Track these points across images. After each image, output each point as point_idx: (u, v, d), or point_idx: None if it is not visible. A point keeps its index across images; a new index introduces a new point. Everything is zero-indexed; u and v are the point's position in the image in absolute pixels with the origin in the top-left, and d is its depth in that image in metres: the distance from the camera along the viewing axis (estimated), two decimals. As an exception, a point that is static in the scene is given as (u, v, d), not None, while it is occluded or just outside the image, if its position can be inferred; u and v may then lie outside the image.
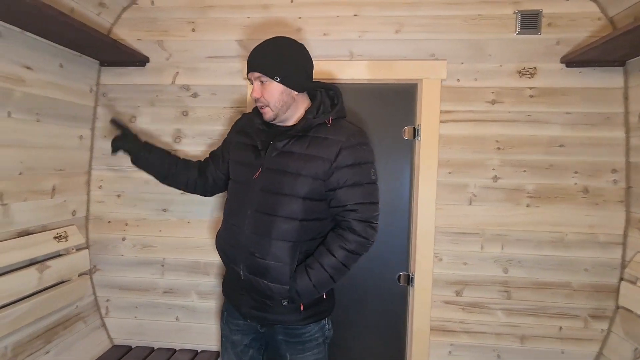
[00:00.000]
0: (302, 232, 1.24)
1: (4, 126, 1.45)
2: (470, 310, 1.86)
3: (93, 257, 1.98)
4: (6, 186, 1.48)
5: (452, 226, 1.85)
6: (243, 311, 1.35)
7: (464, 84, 1.83)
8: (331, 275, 1.23)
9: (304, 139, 1.25)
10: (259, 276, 1.25)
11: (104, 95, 1.97)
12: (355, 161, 1.23)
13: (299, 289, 1.22)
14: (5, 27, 1.41)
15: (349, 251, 1.23)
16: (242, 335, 1.40)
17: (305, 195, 1.22)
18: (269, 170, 1.26)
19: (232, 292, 1.40)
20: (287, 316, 1.29)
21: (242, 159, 1.36)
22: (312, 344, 1.33)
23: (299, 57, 1.28)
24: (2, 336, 1.41)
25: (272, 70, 1.21)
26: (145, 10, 1.93)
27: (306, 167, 1.22)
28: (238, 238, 1.29)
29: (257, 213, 1.26)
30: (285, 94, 1.24)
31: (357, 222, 1.24)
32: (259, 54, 1.25)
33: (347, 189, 1.23)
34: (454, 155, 1.84)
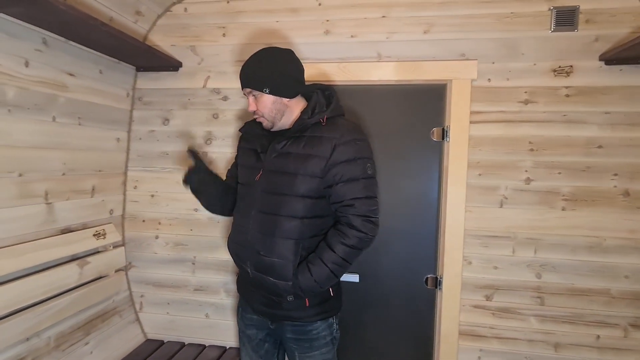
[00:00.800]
0: (304, 229, 1.28)
1: (49, 130, 1.54)
2: (500, 316, 1.81)
3: (128, 254, 2.07)
4: (51, 186, 1.57)
5: (482, 229, 1.81)
6: (255, 307, 1.41)
7: (495, 84, 1.79)
8: (332, 270, 1.26)
9: (300, 139, 1.30)
10: (265, 273, 1.30)
11: (139, 99, 2.06)
12: (350, 157, 1.26)
13: (302, 284, 1.26)
14: (52, 37, 1.50)
15: (348, 246, 1.25)
16: (257, 330, 1.46)
17: (304, 193, 1.27)
18: (269, 171, 1.32)
19: (244, 290, 1.47)
20: (294, 312, 1.34)
21: (246, 162, 1.43)
22: (320, 342, 1.36)
23: (284, 66, 1.31)
24: (47, 327, 1.50)
25: (260, 84, 1.27)
26: (179, 17, 2.00)
27: (303, 166, 1.26)
28: (245, 238, 1.35)
29: (260, 213, 1.31)
30: (277, 102, 1.30)
31: (355, 217, 1.26)
32: (247, 70, 1.31)
33: (344, 185, 1.26)
34: (485, 157, 1.80)
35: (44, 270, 1.49)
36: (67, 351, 1.62)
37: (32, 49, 1.43)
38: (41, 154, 1.51)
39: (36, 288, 1.44)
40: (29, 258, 1.43)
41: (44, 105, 1.50)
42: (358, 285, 1.88)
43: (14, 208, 1.42)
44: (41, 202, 1.53)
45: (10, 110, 1.36)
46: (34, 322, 1.42)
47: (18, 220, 1.43)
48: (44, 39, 1.47)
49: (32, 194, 1.49)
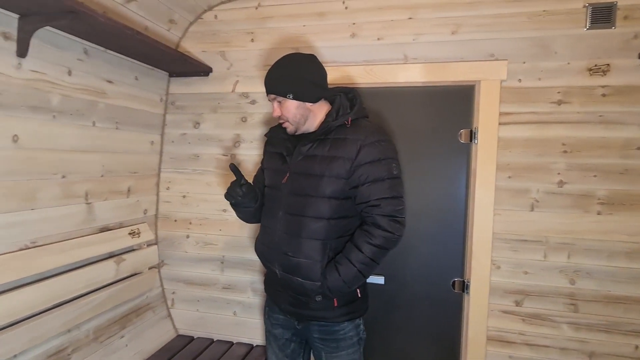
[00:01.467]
0: (331, 230, 1.30)
1: (90, 134, 1.64)
2: (531, 322, 1.76)
3: (161, 253, 2.15)
4: (91, 187, 1.66)
5: (511, 233, 1.77)
6: (282, 307, 1.43)
7: (526, 84, 1.74)
8: (360, 270, 1.27)
9: (325, 142, 1.32)
10: (292, 274, 1.32)
11: (172, 104, 2.14)
12: (375, 157, 1.28)
13: (330, 284, 1.28)
14: (92, 47, 1.59)
15: (375, 246, 1.27)
16: (283, 329, 1.48)
17: (330, 195, 1.29)
18: (295, 174, 1.35)
19: (272, 290, 1.50)
20: (321, 312, 1.36)
21: (272, 165, 1.47)
22: (346, 342, 1.38)
23: (306, 72, 1.35)
24: (86, 320, 1.60)
25: (284, 90, 1.31)
26: (210, 24, 2.07)
27: (329, 168, 1.28)
28: (272, 239, 1.38)
29: (288, 215, 1.34)
30: (301, 107, 1.34)
31: (381, 217, 1.27)
32: (271, 76, 1.35)
33: (369, 185, 1.27)
34: (515, 159, 1.76)
35: (83, 266, 1.58)
36: (104, 343, 1.71)
37: (75, 58, 1.52)
38: (82, 157, 1.61)
39: (77, 283, 1.53)
40: (71, 255, 1.52)
41: (85, 111, 1.60)
42: (383, 287, 1.88)
43: (58, 207, 1.51)
44: (82, 202, 1.62)
45: (55, 116, 1.46)
46: (75, 314, 1.52)
47: (61, 219, 1.53)
48: (85, 49, 1.56)
49: (74, 195, 1.58)
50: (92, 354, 1.63)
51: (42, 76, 1.39)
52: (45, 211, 1.46)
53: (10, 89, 1.29)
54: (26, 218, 1.39)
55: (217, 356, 1.92)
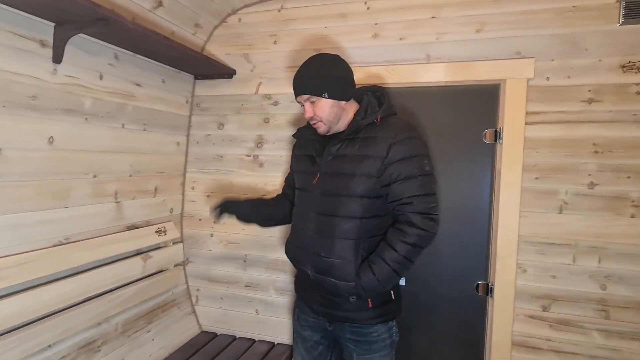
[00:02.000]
0: (363, 230, 1.29)
1: (119, 135, 1.70)
2: (559, 328, 1.71)
3: (186, 251, 2.21)
4: (120, 186, 1.73)
5: (538, 235, 1.72)
6: (314, 308, 1.42)
7: (554, 83, 1.69)
8: (394, 269, 1.25)
9: (355, 141, 1.31)
10: (325, 274, 1.31)
11: (197, 105, 2.20)
12: (406, 154, 1.26)
13: (364, 284, 1.25)
14: (122, 51, 1.66)
15: (410, 245, 1.24)
16: (312, 331, 1.48)
17: (362, 194, 1.27)
18: (325, 174, 1.34)
19: (303, 291, 1.49)
20: (355, 314, 1.34)
21: (302, 168, 1.47)
22: (379, 345, 1.35)
23: (339, 70, 1.35)
24: (115, 314, 1.66)
25: (319, 89, 1.29)
26: (234, 27, 2.11)
27: (360, 167, 1.27)
28: (304, 240, 1.38)
29: (319, 215, 1.34)
30: (335, 106, 1.32)
31: (415, 215, 1.25)
32: (303, 77, 1.33)
33: (401, 183, 1.25)
34: (542, 160, 1.71)
35: (112, 262, 1.65)
36: (132, 337, 1.77)
37: (106, 63, 1.59)
38: (112, 157, 1.68)
39: (106, 278, 1.59)
40: (101, 251, 1.59)
41: (115, 113, 1.66)
42: (405, 289, 1.85)
43: (89, 206, 1.58)
44: (111, 200, 1.69)
45: (87, 118, 1.53)
46: (104, 308, 1.58)
47: (92, 216, 1.60)
48: (115, 54, 1.63)
49: (104, 194, 1.65)
50: (120, 347, 1.70)
51: (76, 81, 1.46)
52: (77, 209, 1.53)
53: (47, 94, 1.36)
54: (60, 216, 1.46)
55: (239, 353, 1.96)
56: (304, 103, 1.33)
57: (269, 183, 2.08)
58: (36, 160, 1.36)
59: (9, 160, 1.27)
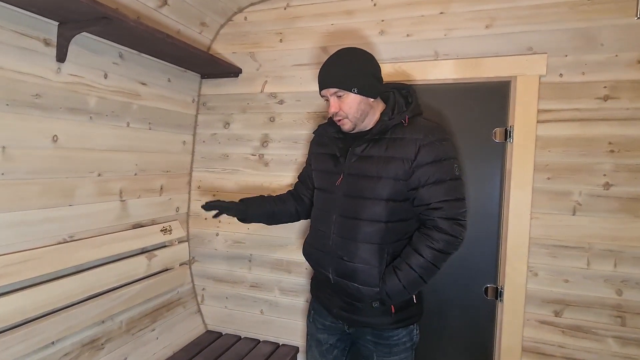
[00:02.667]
0: (388, 234, 1.25)
1: (124, 134, 1.71)
2: (572, 334, 1.64)
3: (192, 250, 2.21)
4: (125, 185, 1.74)
5: (550, 238, 1.66)
6: (334, 312, 1.37)
7: (568, 79, 1.63)
8: (420, 275, 1.21)
9: (381, 142, 1.26)
10: (347, 279, 1.27)
11: (203, 104, 2.20)
12: (436, 158, 1.21)
13: (389, 290, 1.22)
14: (127, 50, 1.66)
15: (437, 250, 1.20)
16: (328, 334, 1.44)
17: (387, 197, 1.23)
18: (350, 175, 1.29)
19: (322, 294, 1.44)
20: (377, 319, 1.30)
21: (323, 167, 1.41)
22: (399, 348, 1.32)
23: (368, 65, 1.29)
24: (119, 312, 1.67)
25: (348, 83, 1.23)
26: (240, 26, 2.11)
27: (386, 169, 1.22)
28: (325, 243, 1.33)
29: (342, 218, 1.29)
30: (363, 102, 1.26)
31: (443, 220, 1.21)
32: (331, 70, 1.27)
33: (430, 187, 1.21)
34: (555, 159, 1.65)
35: (117, 260, 1.66)
36: (136, 335, 1.78)
37: (111, 62, 1.60)
38: (117, 156, 1.68)
39: (110, 276, 1.60)
40: (105, 249, 1.60)
41: (120, 112, 1.67)
42: (411, 292, 1.82)
43: (94, 204, 1.59)
44: (116, 199, 1.70)
45: (91, 117, 1.54)
46: (108, 306, 1.59)
47: (97, 215, 1.61)
48: (120, 53, 1.63)
49: (109, 192, 1.66)
50: (124, 345, 1.71)
51: (80, 79, 1.47)
52: (82, 207, 1.54)
53: (51, 92, 1.37)
54: (65, 214, 1.47)
55: (244, 353, 1.94)
56: (330, 97, 1.27)
57: (274, 182, 2.06)
58: (40, 158, 1.37)
59: (14, 158, 1.28)
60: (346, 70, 1.25)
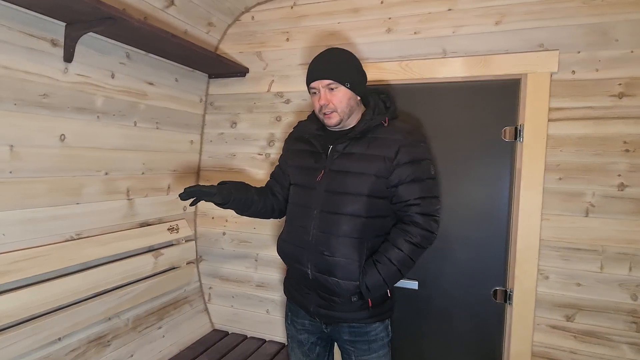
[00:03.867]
0: (367, 229, 1.30)
1: (131, 134, 1.73)
2: (584, 340, 1.59)
3: (199, 249, 2.23)
4: (132, 184, 1.76)
5: (562, 240, 1.61)
6: (311, 310, 1.38)
7: (580, 76, 1.58)
8: (399, 268, 1.27)
9: (363, 140, 1.32)
10: (327, 274, 1.30)
11: (211, 104, 2.21)
12: (414, 158, 1.29)
13: (369, 283, 1.26)
14: (134, 50, 1.68)
15: (414, 244, 1.28)
16: (308, 334, 1.46)
17: (368, 193, 1.28)
18: (332, 171, 1.33)
19: (297, 292, 1.45)
20: (353, 314, 1.33)
21: (302, 164, 1.43)
22: (377, 344, 1.36)
23: (359, 64, 1.37)
24: (125, 309, 1.69)
25: (343, 77, 1.29)
26: (247, 25, 2.11)
27: (368, 167, 1.28)
28: (304, 238, 1.34)
29: (323, 213, 1.32)
30: (352, 99, 1.32)
31: (420, 216, 1.29)
32: (327, 63, 1.31)
33: (408, 185, 1.29)
34: (567, 159, 1.60)
35: (123, 258, 1.67)
36: (142, 333, 1.79)
37: (117, 62, 1.61)
38: (124, 155, 1.70)
39: (117, 274, 1.62)
40: (112, 247, 1.62)
41: (127, 111, 1.69)
42: (417, 293, 1.79)
43: (101, 202, 1.62)
44: (123, 198, 1.72)
45: (98, 117, 1.56)
46: (114, 304, 1.61)
47: (104, 213, 1.63)
48: (127, 53, 1.65)
49: (116, 191, 1.68)
50: (130, 342, 1.73)
51: (87, 79, 1.49)
52: (89, 206, 1.56)
53: (58, 92, 1.39)
54: (72, 212, 1.50)
55: (249, 353, 1.95)
56: (320, 89, 1.30)
57: (280, 182, 2.06)
58: (48, 157, 1.39)
59: (22, 157, 1.31)
60: (340, 65, 1.31)
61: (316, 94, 1.32)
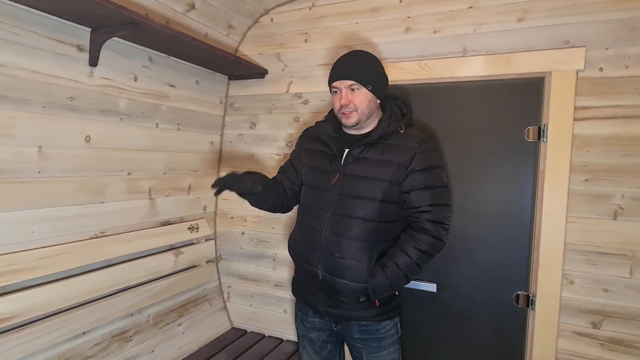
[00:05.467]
0: (378, 233, 1.32)
1: (154, 135, 1.77)
2: (612, 348, 1.52)
3: (219, 248, 2.26)
4: (154, 184, 1.80)
5: (588, 243, 1.55)
6: (320, 309, 1.40)
7: (609, 74, 1.52)
8: (405, 273, 1.30)
9: (378, 146, 1.34)
10: (337, 276, 1.31)
11: (231, 105, 2.24)
12: (428, 166, 1.31)
13: (375, 285, 1.29)
14: (156, 54, 1.72)
15: (422, 251, 1.29)
16: (319, 332, 1.47)
17: (381, 198, 1.30)
18: (346, 175, 1.35)
19: (306, 292, 1.46)
20: (362, 312, 1.35)
21: (317, 165, 1.44)
22: (387, 341, 1.38)
23: (382, 69, 1.39)
24: (146, 306, 1.73)
25: (366, 79, 1.30)
26: (266, 27, 2.13)
27: (382, 172, 1.30)
28: (316, 239, 1.36)
29: (336, 215, 1.34)
30: (372, 101, 1.34)
31: (430, 223, 1.30)
32: (351, 64, 1.34)
33: (421, 192, 1.30)
34: (594, 159, 1.54)
35: (145, 256, 1.72)
36: (163, 329, 1.84)
37: (140, 65, 1.66)
38: (146, 156, 1.75)
39: (138, 271, 1.66)
40: (134, 245, 1.67)
41: (149, 113, 1.74)
42: (435, 296, 1.76)
43: (124, 202, 1.66)
44: (145, 197, 1.77)
45: (122, 118, 1.61)
46: (136, 300, 1.65)
47: (127, 212, 1.68)
48: (149, 56, 1.70)
49: (138, 190, 1.73)
50: (151, 338, 1.77)
51: (111, 82, 1.54)
52: (113, 205, 1.61)
53: (84, 95, 1.44)
54: (96, 210, 1.55)
55: (267, 352, 1.96)
56: (342, 89, 1.32)
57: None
58: (74, 157, 1.45)
59: (49, 157, 1.36)
60: (364, 67, 1.33)
61: (337, 93, 1.34)
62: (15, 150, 1.27)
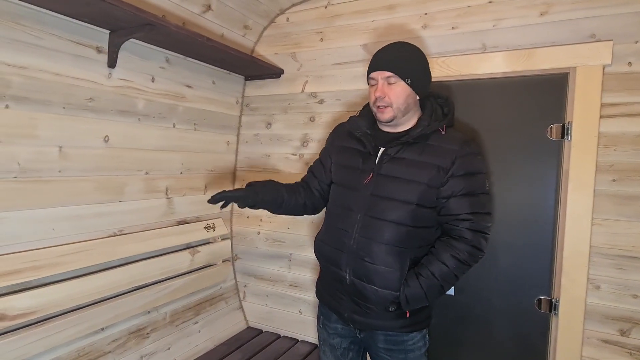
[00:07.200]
0: (412, 238, 1.23)
1: (171, 135, 1.80)
2: (641, 358, 1.45)
3: (235, 247, 2.28)
4: (171, 183, 1.83)
5: (616, 247, 1.48)
6: (345, 316, 1.33)
7: (638, 69, 1.44)
8: (442, 284, 1.20)
9: (416, 146, 1.25)
10: (366, 281, 1.23)
11: (247, 105, 2.25)
12: (470, 171, 1.22)
13: (409, 295, 1.19)
14: (173, 55, 1.75)
15: (460, 261, 1.20)
16: (341, 338, 1.40)
17: (417, 202, 1.21)
18: (380, 175, 1.26)
19: (330, 296, 1.38)
20: (390, 322, 1.26)
21: (349, 163, 1.36)
22: (415, 354, 1.28)
23: (426, 63, 1.30)
24: (163, 304, 1.76)
25: (405, 72, 1.22)
26: (282, 27, 2.13)
27: (419, 174, 1.21)
28: (345, 242, 1.28)
29: (367, 217, 1.25)
30: (411, 97, 1.25)
31: (470, 232, 1.21)
32: (391, 54, 1.26)
33: (461, 198, 1.21)
34: (622, 159, 1.47)
35: (162, 254, 1.75)
36: (179, 327, 1.86)
37: (158, 66, 1.69)
38: (163, 156, 1.78)
39: (155, 269, 1.69)
40: (151, 244, 1.69)
41: (167, 114, 1.76)
42: (454, 299, 1.72)
43: (142, 201, 1.69)
44: (163, 196, 1.79)
45: (139, 119, 1.64)
46: (153, 298, 1.68)
47: (144, 211, 1.71)
48: (167, 57, 1.72)
49: (155, 190, 1.76)
50: (167, 335, 1.80)
51: (129, 83, 1.57)
52: (130, 204, 1.64)
53: (103, 96, 1.48)
54: (115, 209, 1.58)
55: (282, 352, 1.96)
56: (379, 81, 1.23)
57: (314, 182, 2.05)
58: (93, 157, 1.48)
59: (69, 157, 1.40)
60: (404, 60, 1.24)
61: (374, 85, 1.26)
62: (37, 150, 1.31)
